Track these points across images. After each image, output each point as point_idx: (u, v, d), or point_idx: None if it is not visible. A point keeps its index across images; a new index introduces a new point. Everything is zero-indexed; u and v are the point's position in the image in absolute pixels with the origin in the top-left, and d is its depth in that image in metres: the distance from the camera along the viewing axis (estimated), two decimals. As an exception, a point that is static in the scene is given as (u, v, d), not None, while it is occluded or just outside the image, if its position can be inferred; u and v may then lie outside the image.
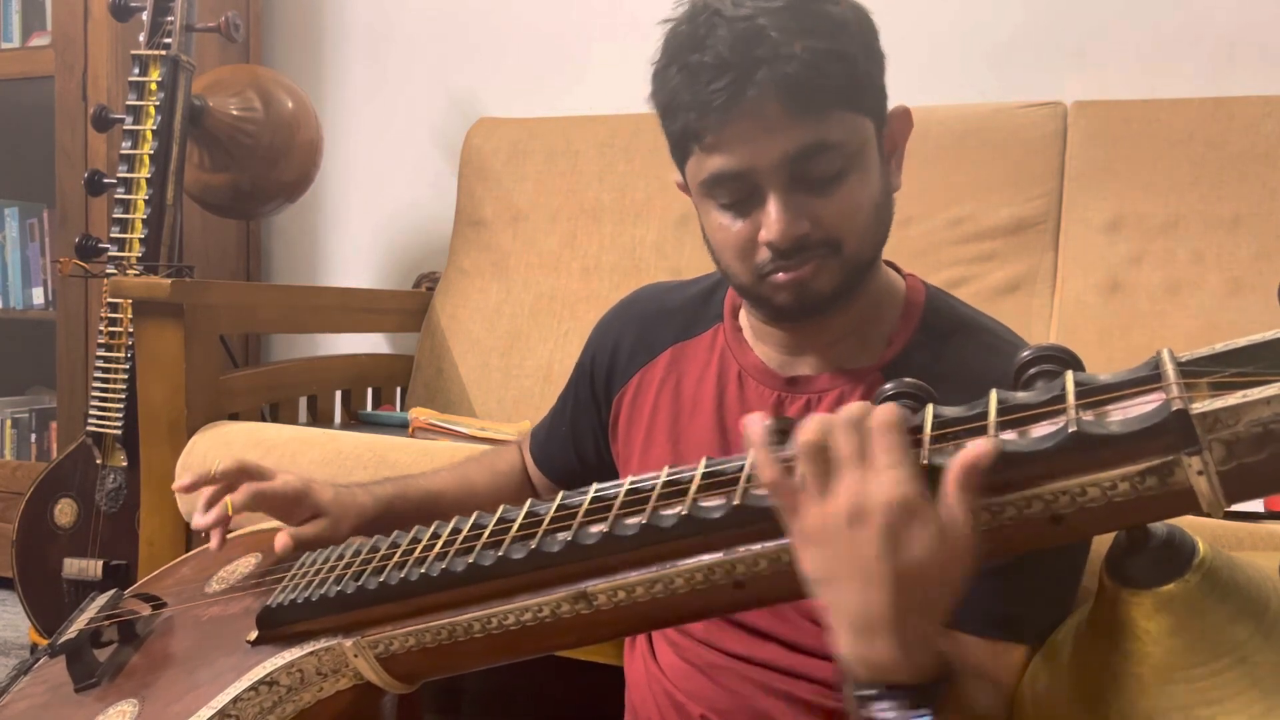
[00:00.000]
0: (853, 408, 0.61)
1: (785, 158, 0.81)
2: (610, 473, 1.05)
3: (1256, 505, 1.11)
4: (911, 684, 0.60)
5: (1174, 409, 0.52)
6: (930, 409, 0.62)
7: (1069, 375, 0.58)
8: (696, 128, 0.82)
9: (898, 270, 0.96)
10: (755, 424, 0.63)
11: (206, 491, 0.98)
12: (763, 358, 0.95)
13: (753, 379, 0.94)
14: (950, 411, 0.61)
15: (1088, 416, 0.55)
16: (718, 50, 0.80)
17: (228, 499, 0.96)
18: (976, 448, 0.56)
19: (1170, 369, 0.54)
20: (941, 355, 0.88)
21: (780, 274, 0.84)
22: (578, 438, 1.10)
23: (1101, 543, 0.66)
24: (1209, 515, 0.54)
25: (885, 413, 0.60)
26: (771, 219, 0.82)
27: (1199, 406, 0.52)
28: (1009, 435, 0.58)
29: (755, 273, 0.86)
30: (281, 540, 0.94)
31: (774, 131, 0.80)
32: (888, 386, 0.65)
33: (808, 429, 0.60)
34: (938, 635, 0.61)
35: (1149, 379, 0.55)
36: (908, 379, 0.64)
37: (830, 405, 0.89)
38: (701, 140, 0.83)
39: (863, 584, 0.59)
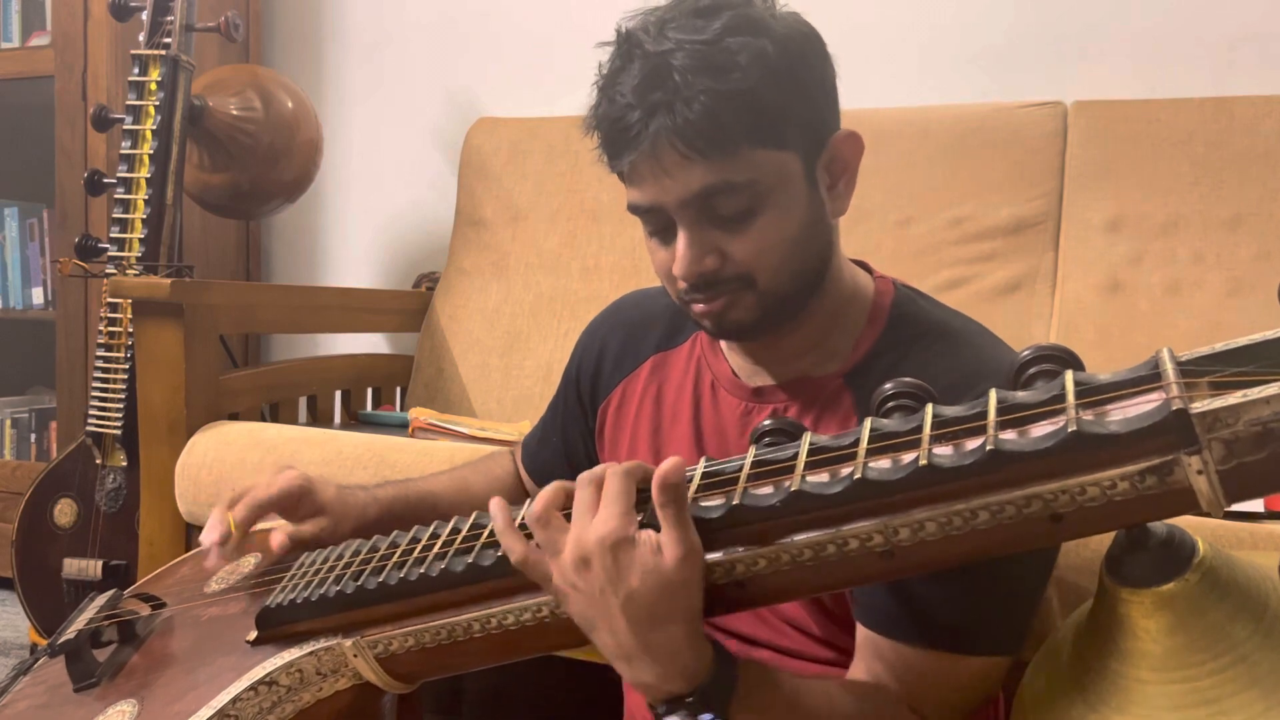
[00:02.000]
0: (593, 471, 0.68)
1: (686, 198, 0.81)
2: (601, 478, 1.06)
3: (1256, 505, 1.11)
4: (685, 691, 0.65)
5: (1174, 408, 0.52)
6: (929, 409, 0.62)
7: (1068, 375, 0.58)
8: (611, 162, 0.86)
9: (869, 270, 0.94)
10: (496, 510, 0.71)
11: (214, 515, 0.97)
12: (733, 367, 0.95)
13: (723, 389, 0.95)
14: (950, 411, 0.61)
15: (1087, 416, 0.55)
16: (624, 89, 0.81)
17: (230, 515, 0.94)
18: (664, 465, 0.63)
19: (1170, 368, 0.54)
20: (904, 359, 0.87)
21: (696, 305, 0.86)
22: (569, 445, 1.10)
23: (1101, 543, 0.66)
24: (1209, 514, 0.54)
25: (629, 465, 0.67)
26: (678, 254, 0.83)
27: (1199, 406, 0.52)
28: (1009, 434, 0.58)
29: (679, 298, 0.88)
30: (278, 538, 0.94)
31: (672, 173, 0.81)
32: (887, 386, 0.65)
33: (537, 500, 0.69)
34: (691, 640, 0.66)
35: (1149, 378, 0.55)
36: (906, 379, 0.64)
37: (796, 413, 0.89)
38: (620, 173, 0.86)
39: (604, 617, 0.66)
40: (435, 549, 0.77)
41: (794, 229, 0.84)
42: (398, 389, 2.24)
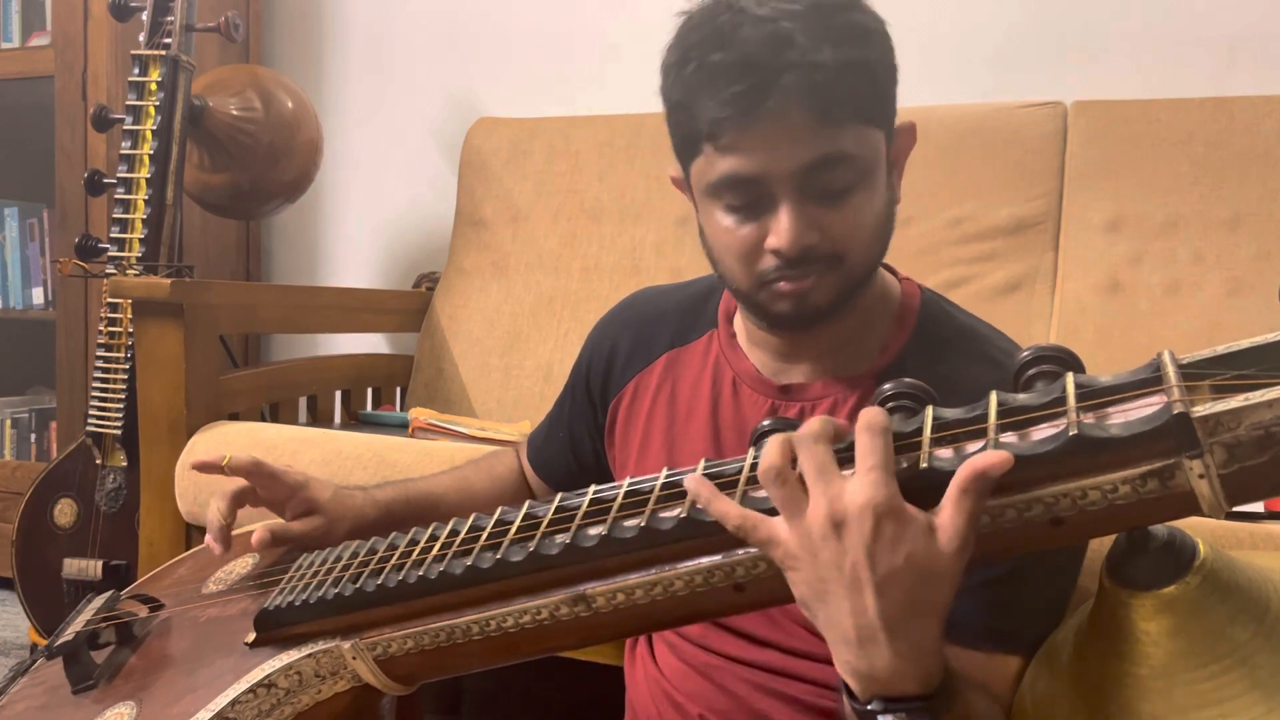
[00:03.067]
0: (811, 424, 0.61)
1: (802, 166, 0.79)
2: (607, 477, 1.05)
3: (1256, 506, 1.11)
4: (914, 694, 0.60)
5: (1175, 412, 0.52)
6: (930, 410, 0.61)
7: (1070, 377, 0.57)
8: (714, 128, 0.80)
9: (894, 274, 0.95)
10: (696, 484, 0.64)
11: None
12: (757, 364, 0.94)
13: (747, 386, 0.94)
14: (950, 413, 0.61)
15: (1088, 419, 0.55)
16: (743, 50, 0.78)
17: (227, 455, 0.95)
18: (989, 457, 0.55)
19: (1171, 371, 0.54)
20: (936, 362, 0.87)
21: (783, 283, 0.83)
22: (575, 442, 1.09)
23: (1102, 544, 0.65)
24: (1210, 517, 0.54)
25: (872, 416, 0.59)
26: (782, 227, 0.81)
27: (1200, 409, 0.51)
28: (1009, 437, 0.58)
29: (757, 279, 0.85)
30: (258, 534, 0.93)
31: (795, 139, 0.79)
32: (887, 387, 0.64)
33: (769, 454, 0.60)
34: (936, 640, 0.60)
35: (1150, 381, 0.55)
36: (907, 380, 0.64)
37: (825, 412, 0.89)
38: (717, 140, 0.81)
39: (851, 592, 0.58)
40: (434, 551, 0.77)
41: (880, 210, 0.85)
42: (398, 389, 2.24)
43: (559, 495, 0.74)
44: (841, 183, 0.81)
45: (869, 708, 0.60)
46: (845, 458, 0.61)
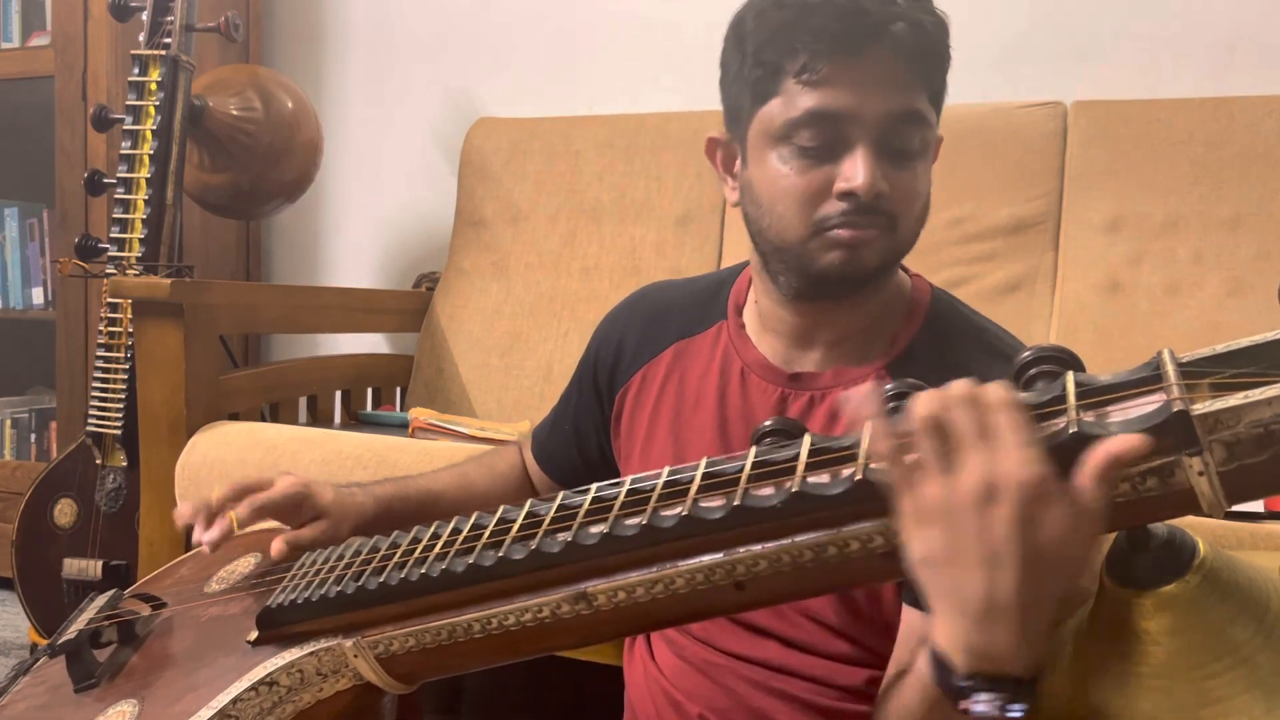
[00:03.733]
0: (963, 384, 0.58)
1: (890, 114, 0.82)
2: (612, 473, 1.05)
3: (1257, 505, 1.11)
4: (1018, 676, 0.58)
5: (1175, 410, 0.52)
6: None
7: (1069, 376, 0.58)
8: (813, 60, 0.81)
9: (905, 270, 0.96)
10: (870, 392, 0.60)
11: (205, 516, 0.97)
12: (767, 353, 0.94)
13: (756, 375, 0.94)
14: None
15: (1088, 417, 0.55)
16: None
17: (232, 514, 0.95)
18: (1126, 440, 0.53)
19: (1171, 370, 0.54)
20: (945, 357, 0.88)
21: (843, 230, 0.84)
22: (580, 435, 1.10)
23: (1102, 544, 0.65)
24: (1209, 516, 0.54)
25: (1003, 393, 0.57)
26: (859, 170, 0.82)
27: (1200, 408, 0.52)
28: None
29: (815, 226, 0.84)
30: (277, 546, 0.94)
31: (889, 85, 0.81)
32: (889, 387, 0.64)
33: (926, 403, 0.58)
34: (1052, 628, 0.59)
35: (1149, 380, 0.55)
36: (910, 379, 0.64)
37: (833, 403, 0.89)
38: (813, 72, 0.82)
39: (988, 567, 0.56)
40: (436, 549, 0.77)
41: (928, 187, 0.88)
42: (398, 389, 2.24)
43: (561, 494, 0.75)
44: (912, 144, 0.84)
45: (968, 684, 0.59)
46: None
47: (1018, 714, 0.58)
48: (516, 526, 0.74)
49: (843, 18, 0.80)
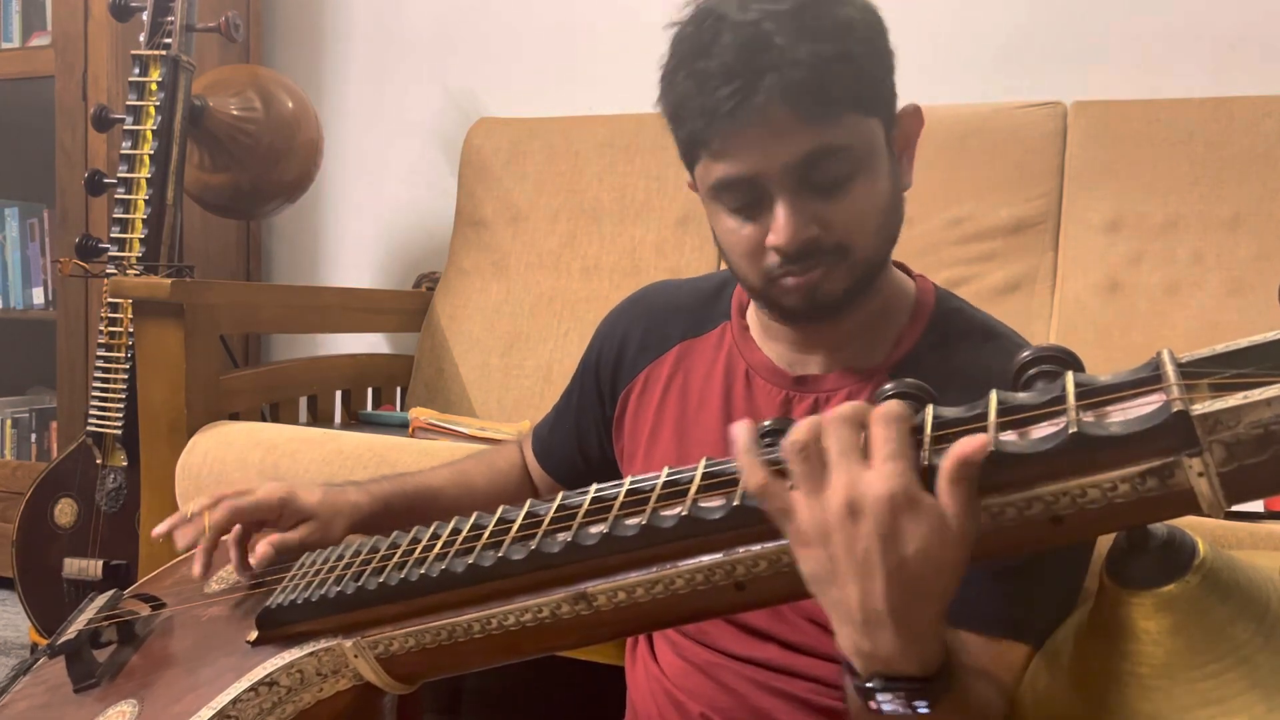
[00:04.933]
0: (844, 406, 0.61)
1: (792, 163, 0.81)
2: (612, 470, 1.05)
3: (1256, 505, 1.11)
4: (913, 675, 0.61)
5: (1174, 410, 0.52)
6: (930, 409, 0.62)
7: (1069, 376, 0.58)
8: (703, 134, 0.82)
9: (908, 271, 0.96)
10: (740, 430, 0.63)
11: (187, 524, 0.98)
12: (771, 356, 0.95)
13: (760, 378, 0.94)
14: (950, 412, 0.61)
15: (1088, 417, 0.55)
16: (723, 58, 0.79)
17: (205, 515, 0.95)
18: (970, 442, 0.56)
19: (1170, 370, 0.54)
20: (950, 357, 0.88)
21: (789, 278, 0.84)
22: (581, 433, 1.10)
23: (1102, 543, 0.65)
24: (1209, 516, 0.54)
25: (889, 406, 0.59)
26: (780, 224, 0.82)
27: (1199, 408, 0.51)
28: (1009, 436, 0.58)
29: (764, 276, 0.86)
30: (261, 548, 0.94)
31: (781, 137, 0.80)
32: (887, 387, 0.64)
33: (797, 430, 0.60)
34: (938, 625, 0.61)
35: (1149, 380, 0.55)
36: (908, 379, 0.64)
37: (839, 404, 0.89)
38: (709, 146, 0.83)
39: (862, 578, 0.58)
40: (436, 549, 0.77)
41: (884, 197, 0.86)
42: (398, 389, 2.24)
43: (560, 494, 0.75)
44: (837, 174, 0.82)
45: (868, 685, 0.62)
46: None
47: (924, 709, 0.61)
48: (516, 527, 0.74)
49: (719, 85, 0.80)
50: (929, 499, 0.57)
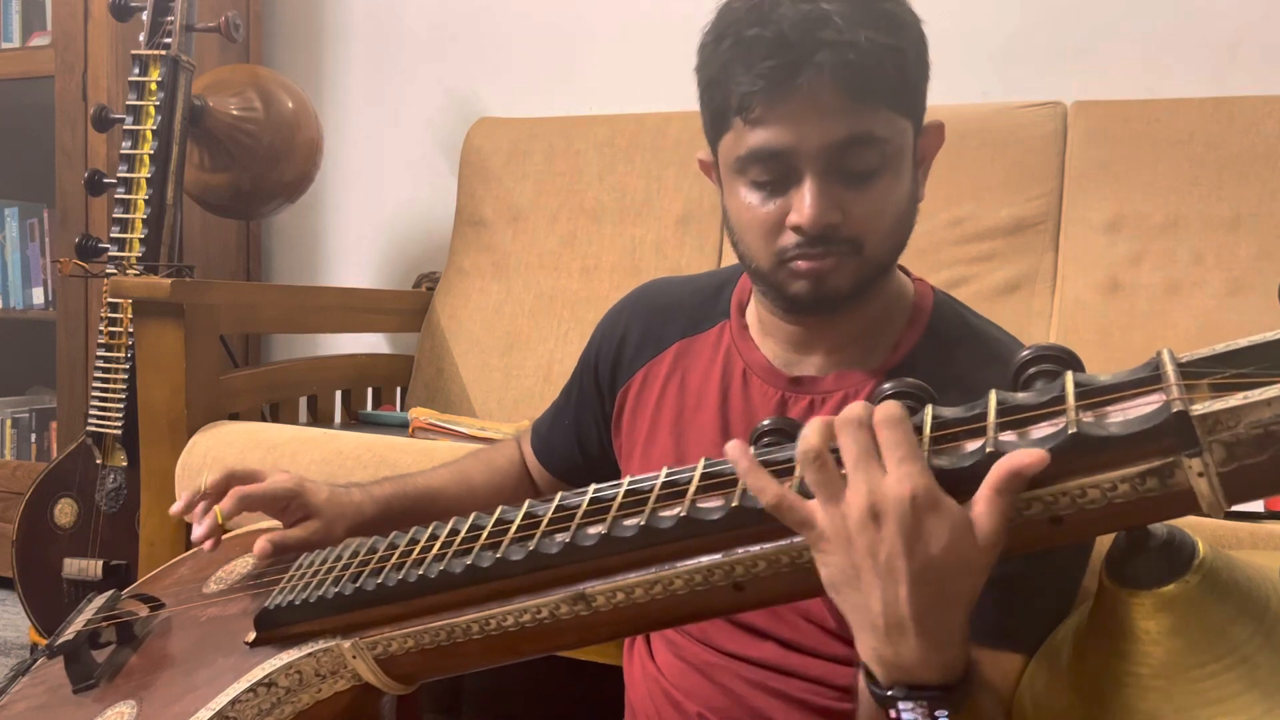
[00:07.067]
0: (854, 408, 0.60)
1: (830, 144, 0.81)
2: (611, 467, 1.05)
3: (1256, 505, 1.11)
4: (935, 684, 0.60)
5: (1174, 410, 0.52)
6: (929, 410, 0.62)
7: (1069, 376, 0.58)
8: (747, 100, 0.81)
9: (907, 274, 0.96)
10: (737, 453, 0.63)
11: (200, 507, 0.98)
12: (769, 356, 0.94)
13: (757, 377, 0.94)
14: (949, 412, 0.61)
15: (1087, 418, 0.55)
16: (780, 27, 0.79)
17: (217, 508, 0.95)
18: (1026, 455, 0.55)
19: (1170, 370, 0.54)
20: (948, 361, 0.88)
21: (801, 261, 0.84)
22: (581, 430, 1.09)
23: (1102, 543, 0.65)
24: (1209, 516, 0.54)
25: (888, 409, 0.59)
26: (805, 203, 0.81)
27: (1199, 408, 0.51)
28: (1008, 436, 0.58)
29: (776, 256, 0.85)
30: (260, 544, 0.93)
31: (824, 115, 0.80)
32: (886, 386, 0.64)
33: (808, 436, 0.60)
34: (962, 632, 0.61)
35: (1149, 380, 0.55)
36: (907, 379, 0.64)
37: (834, 406, 0.89)
38: (748, 113, 0.82)
39: (885, 583, 0.58)
40: (434, 550, 0.77)
41: (903, 200, 0.86)
42: (398, 389, 2.24)
43: (559, 495, 0.75)
44: (867, 165, 0.82)
45: (890, 694, 0.61)
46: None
47: (943, 719, 0.60)
48: (514, 527, 0.74)
49: (771, 54, 0.79)
50: (949, 499, 0.57)
